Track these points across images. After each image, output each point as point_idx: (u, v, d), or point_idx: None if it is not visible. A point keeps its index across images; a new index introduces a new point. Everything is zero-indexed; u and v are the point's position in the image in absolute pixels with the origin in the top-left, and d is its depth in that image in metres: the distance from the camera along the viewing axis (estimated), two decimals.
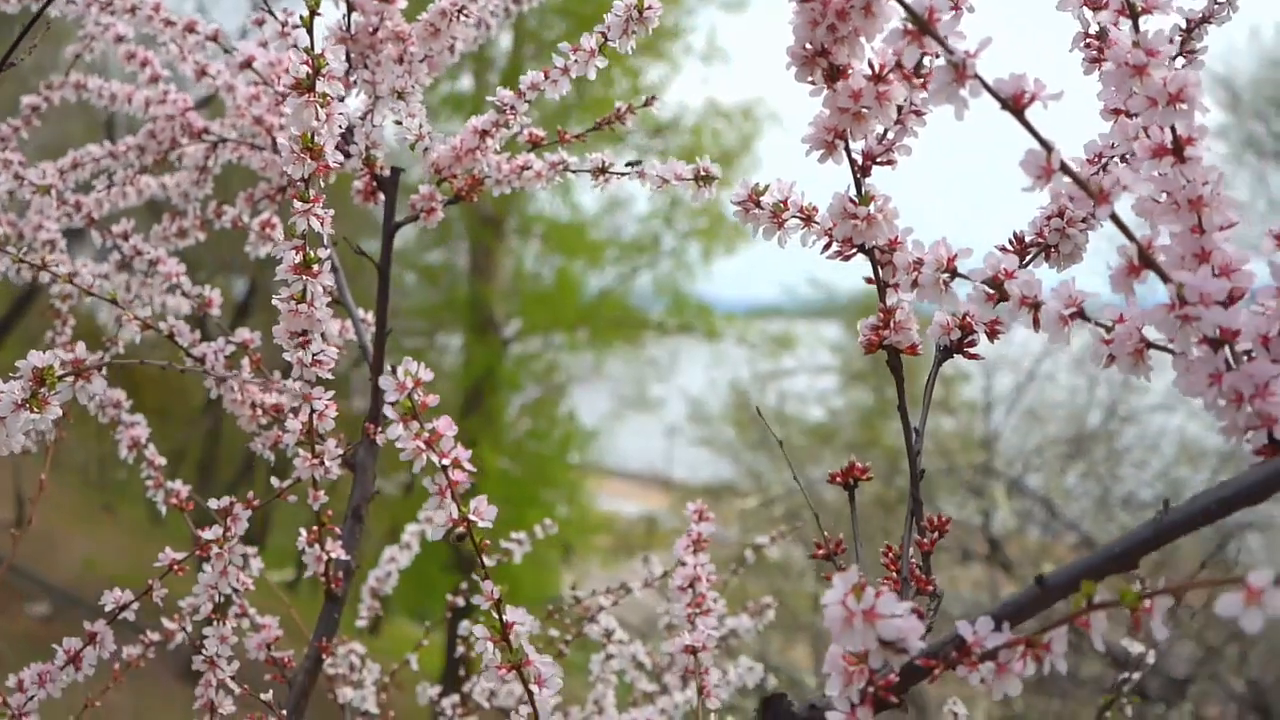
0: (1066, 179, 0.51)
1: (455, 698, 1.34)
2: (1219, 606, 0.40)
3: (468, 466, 0.63)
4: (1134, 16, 0.54)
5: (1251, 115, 9.05)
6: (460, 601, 1.47)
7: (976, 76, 0.50)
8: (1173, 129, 0.53)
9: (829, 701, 0.56)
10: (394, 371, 0.61)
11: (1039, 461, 6.68)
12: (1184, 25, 0.71)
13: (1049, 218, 0.68)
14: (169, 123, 1.20)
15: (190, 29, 1.10)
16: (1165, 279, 0.52)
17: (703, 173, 0.84)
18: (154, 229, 1.23)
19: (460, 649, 1.40)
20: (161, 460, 1.11)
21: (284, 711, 0.94)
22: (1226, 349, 0.52)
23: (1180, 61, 0.72)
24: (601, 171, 0.97)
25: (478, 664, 0.67)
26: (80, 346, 0.74)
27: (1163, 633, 0.45)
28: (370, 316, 1.10)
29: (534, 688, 0.65)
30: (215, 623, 0.93)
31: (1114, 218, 0.51)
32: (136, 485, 1.09)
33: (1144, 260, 0.52)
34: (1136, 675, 1.08)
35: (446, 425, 0.63)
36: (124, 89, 1.24)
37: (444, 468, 0.63)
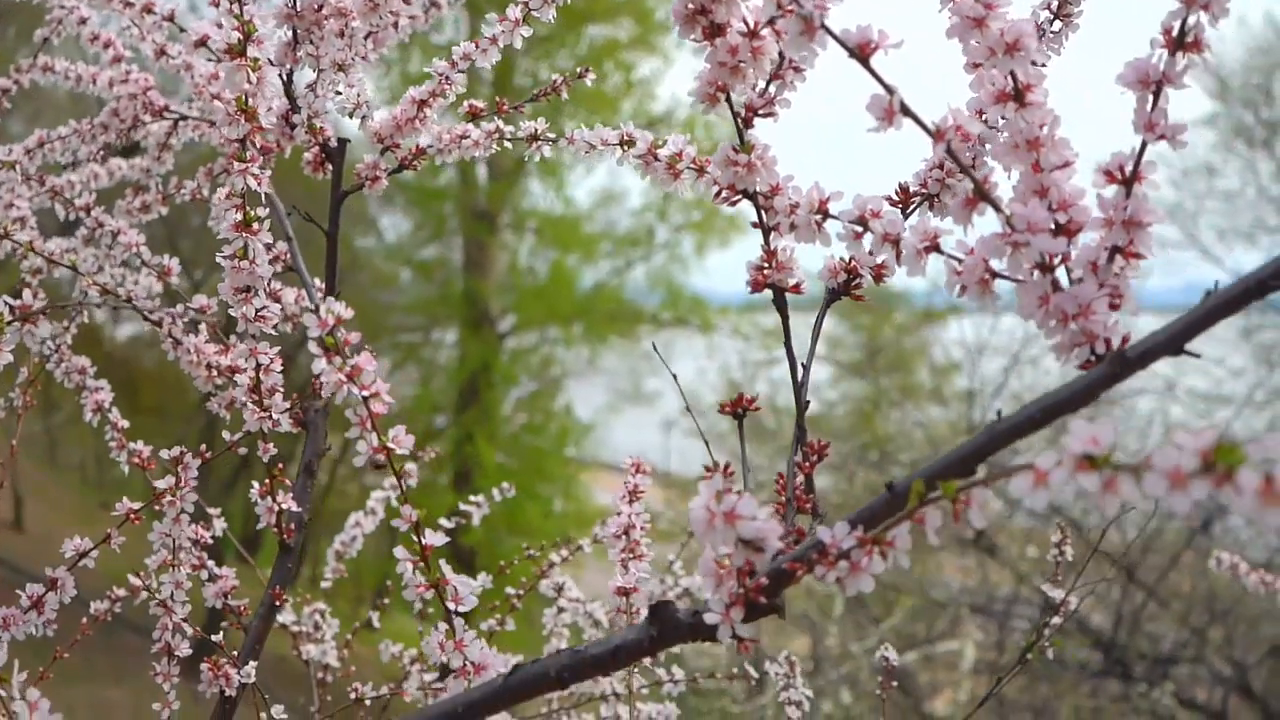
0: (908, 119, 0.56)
1: (414, 652, 1.40)
2: (1011, 488, 0.46)
3: (387, 398, 0.68)
4: None
5: (1240, 103, 9.10)
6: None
7: (823, 27, 0.55)
8: (1013, 75, 0.58)
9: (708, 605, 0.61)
10: (316, 310, 0.66)
11: (1024, 445, 6.73)
12: None
13: (931, 169, 0.73)
14: (131, 101, 1.25)
15: (148, 9, 1.14)
16: (998, 210, 0.57)
17: (626, 138, 0.89)
18: (117, 203, 1.29)
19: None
20: (125, 423, 1.16)
21: (235, 654, 0.99)
22: (1057, 273, 0.57)
23: (1058, 25, 0.77)
24: (534, 139, 1.02)
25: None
26: (26, 294, 0.80)
27: (981, 522, 0.50)
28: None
29: (451, 605, 0.70)
30: (171, 569, 0.98)
31: (950, 154, 0.56)
32: (134, 483, 1.13)
33: (980, 194, 0.57)
34: (1057, 620, 1.13)
35: (367, 360, 0.68)
36: (88, 70, 1.29)
37: (365, 399, 0.68)
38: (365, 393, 0.67)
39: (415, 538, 0.70)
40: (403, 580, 0.71)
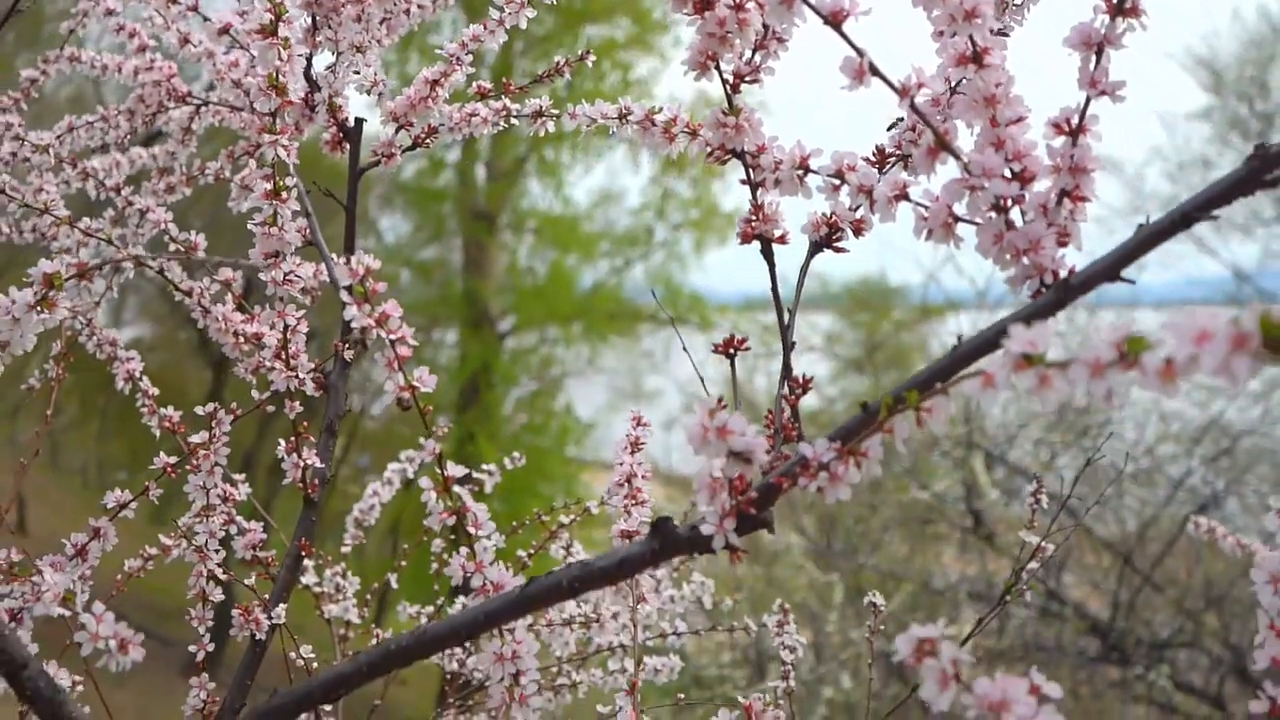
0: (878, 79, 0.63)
1: (430, 609, 1.47)
2: (965, 390, 0.52)
3: (411, 341, 0.75)
4: None
5: (1235, 96, 9.17)
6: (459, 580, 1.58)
7: None
8: (971, 40, 0.65)
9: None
10: (348, 261, 0.73)
11: (1021, 436, 6.81)
12: None
13: (904, 131, 0.80)
14: (156, 88, 1.32)
15: (172, 0, 1.22)
16: (957, 158, 0.64)
17: (624, 111, 0.96)
18: (144, 185, 1.36)
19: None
20: (155, 390, 1.22)
21: (267, 597, 1.06)
22: (1012, 215, 0.64)
23: None
24: (539, 115, 1.10)
25: None
26: (84, 253, 0.87)
27: (941, 427, 0.57)
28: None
29: (472, 530, 0.77)
30: (205, 519, 1.05)
31: (913, 108, 0.63)
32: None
33: (940, 144, 0.64)
34: (1034, 565, 1.20)
35: (394, 307, 0.75)
36: (114, 59, 1.36)
37: (392, 343, 0.75)
38: (392, 336, 0.74)
39: (438, 469, 0.77)
40: (426, 509, 0.78)
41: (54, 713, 0.71)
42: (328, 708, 1.24)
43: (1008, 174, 0.64)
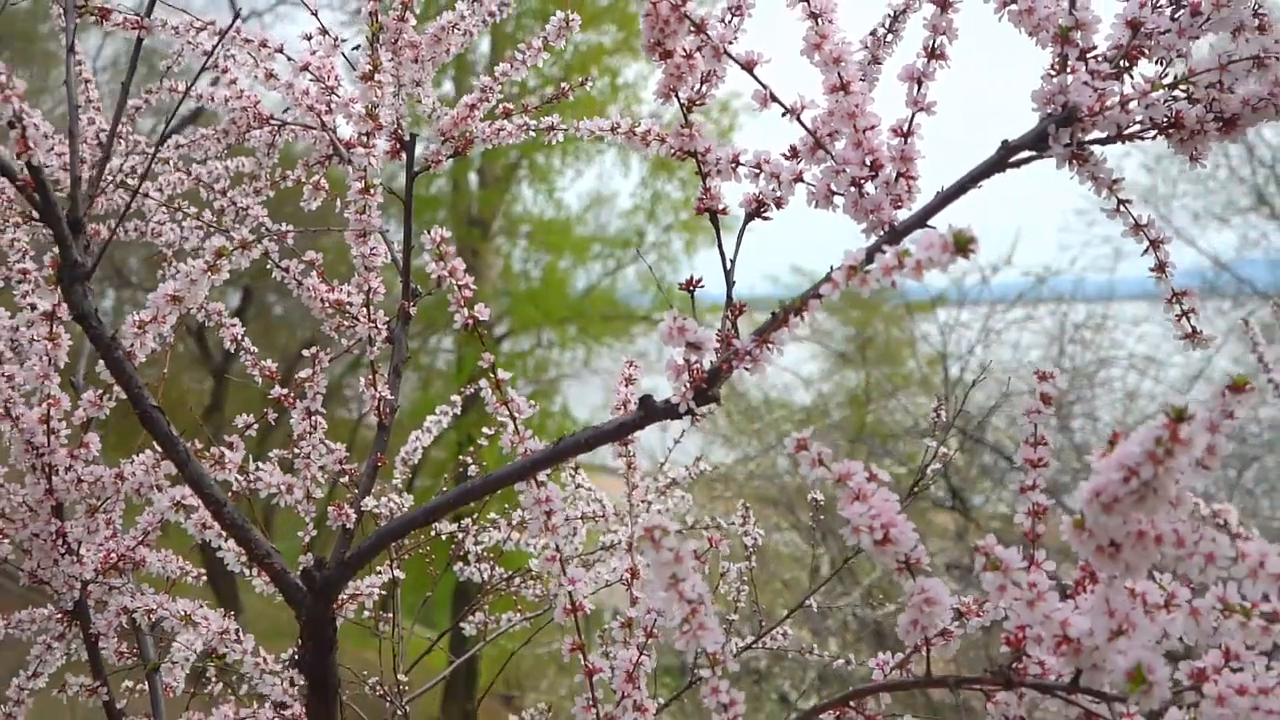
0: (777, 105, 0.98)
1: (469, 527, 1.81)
2: (834, 278, 0.88)
3: (471, 286, 1.11)
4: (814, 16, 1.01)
5: None
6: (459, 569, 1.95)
7: (726, 53, 0.97)
8: (839, 75, 1.01)
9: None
10: (427, 231, 1.09)
11: (998, 417, 7.18)
12: (892, 13, 1.19)
13: (809, 134, 1.15)
14: (243, 113, 1.67)
15: (263, 44, 1.57)
16: (828, 152, 0.99)
17: (615, 124, 1.31)
18: (238, 189, 1.71)
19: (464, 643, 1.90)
20: (254, 349, 1.58)
21: (358, 491, 1.41)
22: (866, 188, 0.99)
23: (890, 36, 1.19)
24: (552, 129, 1.45)
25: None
26: (244, 230, 1.22)
27: (809, 319, 0.92)
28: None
29: (516, 414, 1.13)
30: (308, 436, 1.41)
31: (799, 122, 0.99)
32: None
33: (818, 144, 1.00)
34: (938, 466, 1.55)
35: (460, 262, 1.10)
36: (207, 89, 1.71)
37: (460, 286, 1.10)
38: (460, 282, 1.10)
39: (492, 374, 1.12)
40: (483, 399, 1.13)
41: (243, 536, 1.06)
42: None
43: (864, 162, 0.99)
